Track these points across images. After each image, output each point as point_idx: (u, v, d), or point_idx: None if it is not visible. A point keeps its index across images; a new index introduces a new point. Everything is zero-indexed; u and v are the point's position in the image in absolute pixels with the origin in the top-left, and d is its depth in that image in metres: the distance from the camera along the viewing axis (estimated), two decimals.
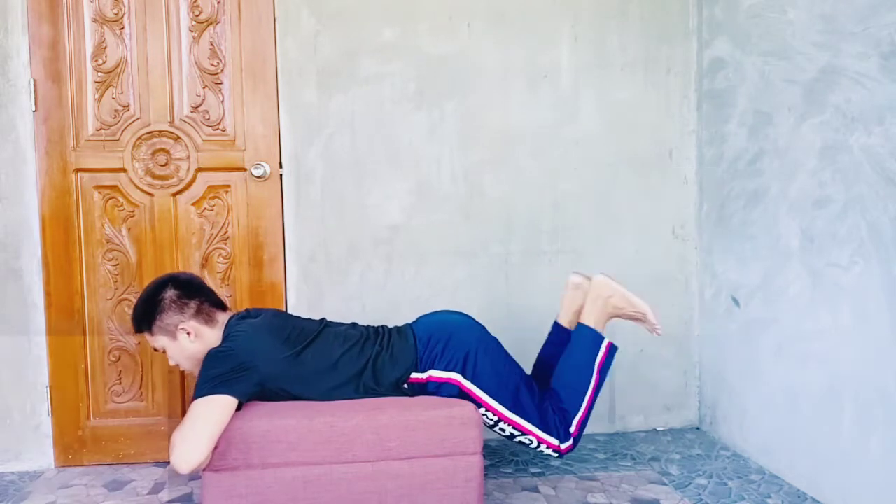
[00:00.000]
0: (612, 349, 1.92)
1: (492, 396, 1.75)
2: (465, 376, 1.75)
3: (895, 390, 1.65)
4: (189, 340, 1.76)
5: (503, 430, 1.78)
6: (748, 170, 2.21)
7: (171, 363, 1.84)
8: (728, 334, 2.35)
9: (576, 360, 1.89)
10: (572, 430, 1.82)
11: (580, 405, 1.83)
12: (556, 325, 2.07)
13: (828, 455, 1.88)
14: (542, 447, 1.79)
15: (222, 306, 1.86)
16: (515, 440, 1.79)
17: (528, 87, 2.42)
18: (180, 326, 1.76)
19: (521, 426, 1.77)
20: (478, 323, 1.89)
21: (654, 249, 2.52)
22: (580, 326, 1.93)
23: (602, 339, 1.91)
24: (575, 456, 2.29)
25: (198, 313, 1.78)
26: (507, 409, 1.76)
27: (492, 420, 1.77)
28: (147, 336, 1.82)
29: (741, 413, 2.29)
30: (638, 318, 1.95)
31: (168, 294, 1.77)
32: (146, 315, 1.78)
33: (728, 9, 2.30)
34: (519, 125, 2.42)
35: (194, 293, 1.80)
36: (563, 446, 1.80)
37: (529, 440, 1.79)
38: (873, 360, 1.71)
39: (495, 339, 1.87)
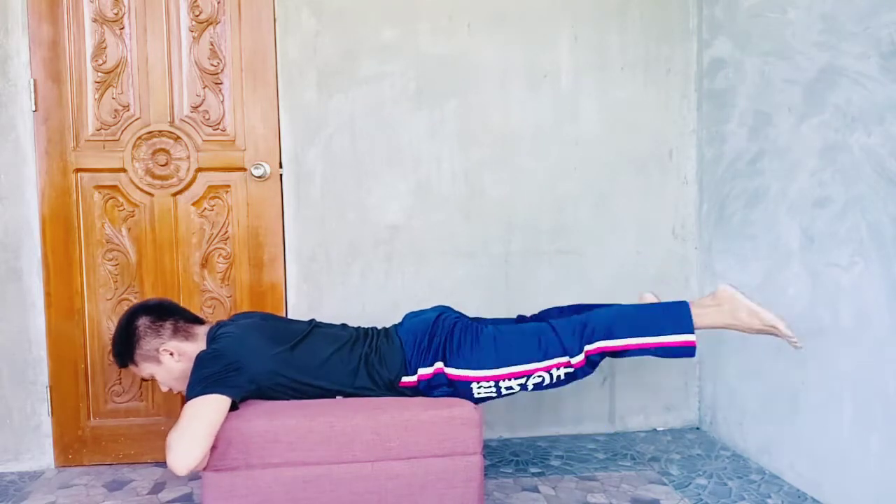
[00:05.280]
0: (689, 349, 1.69)
1: (477, 368, 1.70)
2: (445, 363, 1.72)
3: (895, 390, 1.65)
4: (174, 361, 1.77)
5: (511, 389, 1.71)
6: (748, 170, 2.21)
7: (164, 389, 1.84)
8: (728, 334, 2.34)
9: (649, 315, 1.72)
10: (590, 347, 1.68)
11: (615, 337, 1.67)
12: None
13: (828, 455, 1.88)
14: (554, 372, 1.68)
15: (198, 321, 1.87)
16: (530, 389, 1.71)
17: (528, 87, 2.42)
18: (161, 349, 1.77)
19: (522, 372, 1.69)
20: (451, 311, 1.89)
21: (654, 249, 2.52)
22: (687, 307, 1.73)
23: (691, 331, 1.69)
24: (575, 456, 2.29)
25: (175, 332, 1.79)
26: (498, 367, 1.69)
27: (493, 390, 1.72)
28: (133, 368, 1.83)
29: (741, 413, 2.29)
30: (770, 332, 1.71)
31: (140, 322, 1.79)
32: (125, 348, 1.79)
33: (728, 9, 2.30)
34: (519, 125, 2.42)
35: (166, 314, 1.81)
36: (573, 360, 1.69)
37: (540, 378, 1.70)
38: (873, 360, 1.71)
39: (467, 318, 1.84)
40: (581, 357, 1.70)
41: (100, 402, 2.26)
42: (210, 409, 1.52)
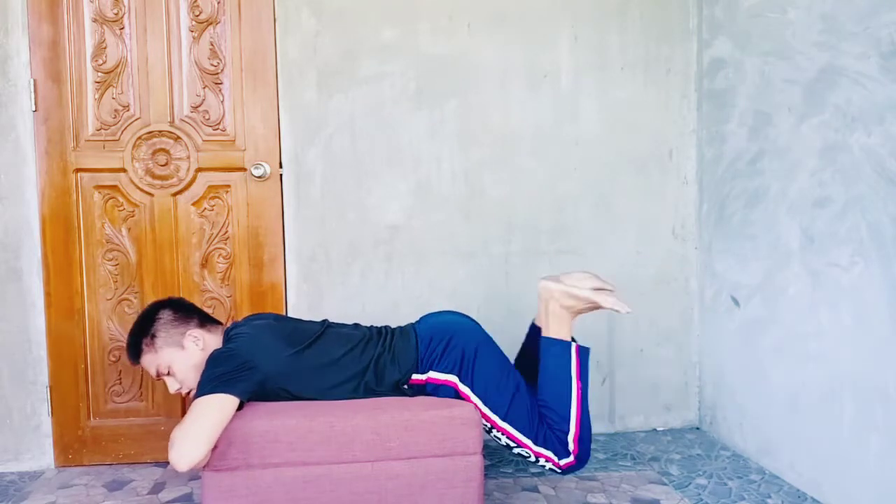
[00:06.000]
0: (582, 352, 1.80)
1: (485, 403, 1.73)
2: (461, 379, 1.74)
3: (895, 390, 1.65)
4: (198, 349, 1.77)
5: (499, 439, 1.76)
6: (748, 170, 2.21)
7: (173, 388, 1.80)
8: (728, 334, 2.35)
9: (551, 375, 1.78)
10: (570, 447, 1.74)
11: (569, 421, 1.74)
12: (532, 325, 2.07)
13: (828, 455, 1.88)
14: (542, 461, 1.74)
15: (217, 322, 1.90)
16: (513, 452, 1.76)
17: (528, 87, 2.42)
18: (188, 333, 1.78)
19: (515, 437, 1.73)
20: (479, 326, 1.88)
21: (654, 249, 2.52)
22: (543, 340, 1.82)
23: (569, 345, 1.79)
24: None
25: (201, 322, 1.83)
26: (501, 418, 1.73)
27: (486, 426, 1.75)
28: (149, 357, 1.79)
29: (741, 413, 2.29)
30: (597, 307, 1.79)
31: (164, 313, 1.81)
32: (147, 334, 1.78)
33: (728, 9, 2.30)
34: (519, 125, 2.42)
35: (190, 310, 1.85)
36: (561, 462, 1.73)
37: (527, 453, 1.74)
38: (873, 360, 1.71)
39: (495, 345, 1.84)
40: (570, 459, 1.74)
41: (100, 402, 2.26)
42: (217, 408, 1.53)
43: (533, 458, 1.74)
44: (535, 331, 1.98)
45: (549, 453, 1.73)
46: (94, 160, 2.22)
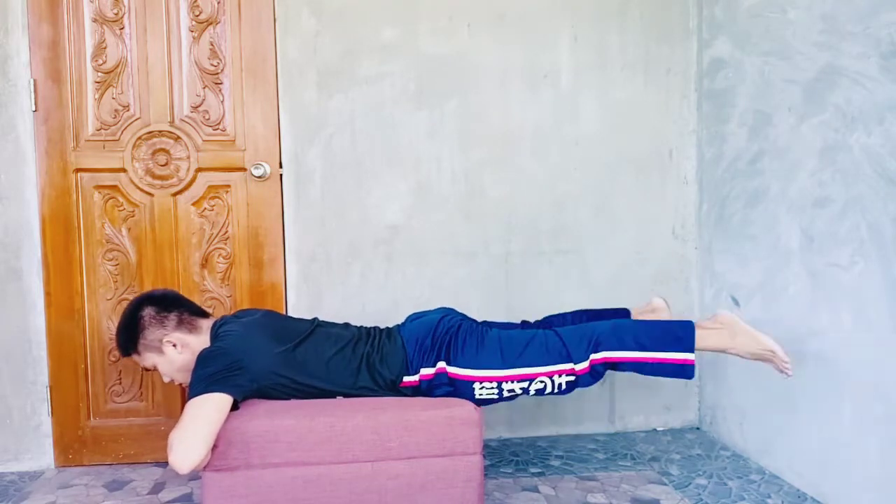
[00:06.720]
0: (688, 368, 1.70)
1: (480, 367, 1.71)
2: (448, 363, 1.73)
3: (895, 390, 1.65)
4: (177, 352, 1.78)
5: (513, 392, 1.72)
6: (748, 170, 2.21)
7: (166, 380, 1.86)
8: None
9: (654, 331, 1.74)
10: (596, 357, 1.70)
11: (621, 349, 1.70)
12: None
13: (828, 455, 1.88)
14: (557, 379, 1.70)
15: (203, 314, 1.88)
16: (531, 394, 1.73)
17: (528, 87, 2.42)
18: (165, 340, 1.78)
19: (525, 375, 1.70)
20: (455, 312, 1.89)
21: (654, 249, 2.52)
22: (692, 326, 1.75)
23: (692, 350, 1.71)
24: (575, 456, 2.29)
25: (179, 324, 1.80)
26: (504, 369, 1.70)
27: (495, 391, 1.72)
28: (136, 357, 1.84)
29: (741, 413, 2.29)
30: (765, 358, 1.76)
31: (146, 312, 1.80)
32: (129, 337, 1.81)
33: (728, 9, 2.30)
34: (519, 125, 2.42)
35: (171, 306, 1.83)
36: (577, 368, 1.71)
37: (543, 383, 1.71)
38: (873, 360, 1.71)
39: (471, 320, 1.86)
40: (585, 364, 1.72)
41: (100, 402, 2.26)
42: (212, 408, 1.52)
43: (549, 387, 1.72)
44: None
45: (564, 366, 1.71)
46: (94, 160, 2.22)
